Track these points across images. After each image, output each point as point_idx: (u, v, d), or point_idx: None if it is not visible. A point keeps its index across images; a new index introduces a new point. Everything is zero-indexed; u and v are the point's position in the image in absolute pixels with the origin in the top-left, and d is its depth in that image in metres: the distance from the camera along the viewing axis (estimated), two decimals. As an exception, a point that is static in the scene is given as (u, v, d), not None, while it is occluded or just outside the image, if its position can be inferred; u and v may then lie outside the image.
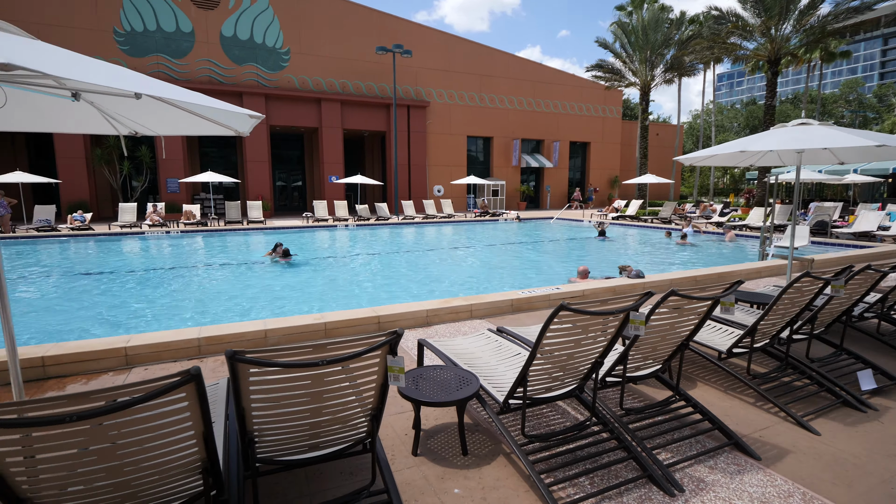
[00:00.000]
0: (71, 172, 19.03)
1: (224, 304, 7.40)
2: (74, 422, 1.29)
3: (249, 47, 21.69)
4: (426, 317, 5.00)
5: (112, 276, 9.24)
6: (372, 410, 2.05)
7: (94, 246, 13.58)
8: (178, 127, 2.92)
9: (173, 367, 3.98)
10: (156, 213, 16.57)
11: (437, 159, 26.43)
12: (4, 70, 1.27)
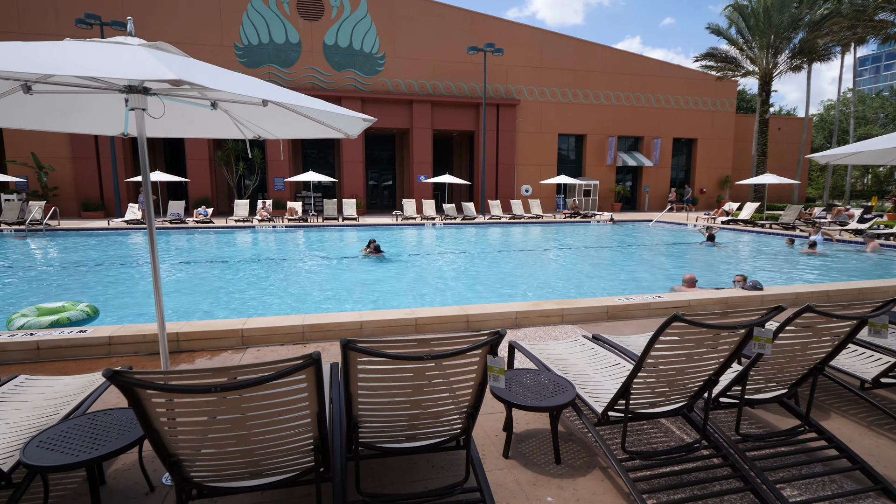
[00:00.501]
0: (197, 172, 21.79)
1: (322, 294, 7.99)
2: (217, 392, 1.48)
3: (348, 54, 23.14)
4: (515, 318, 4.96)
5: (229, 265, 10.42)
6: (468, 408, 2.08)
7: (214, 237, 15.41)
8: (294, 130, 3.21)
9: (281, 350, 4.38)
10: (264, 209, 18.37)
11: (526, 158, 26.08)
12: (175, 85, 1.49)
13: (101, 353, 4.23)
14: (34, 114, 2.59)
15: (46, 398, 2.67)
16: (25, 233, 15.52)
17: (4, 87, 2.22)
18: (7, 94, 2.26)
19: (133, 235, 15.71)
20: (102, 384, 2.78)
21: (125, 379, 1.43)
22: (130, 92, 2.13)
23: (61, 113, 2.64)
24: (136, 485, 2.42)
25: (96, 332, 4.29)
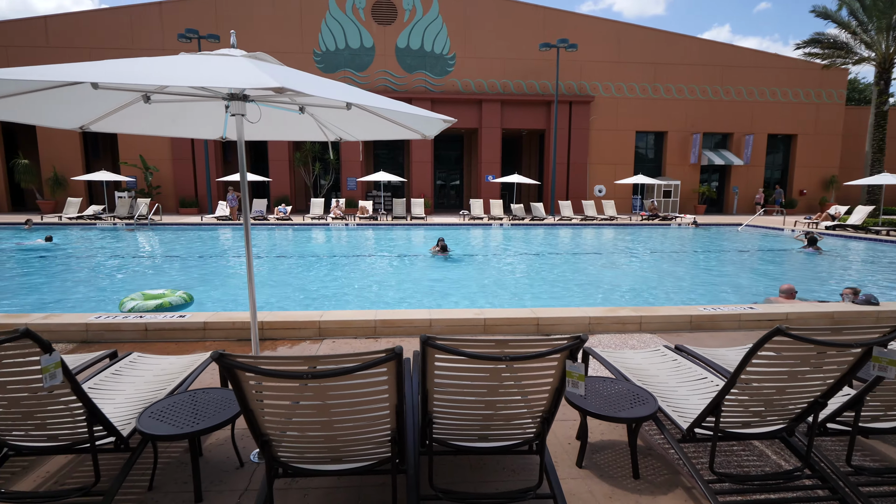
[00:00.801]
0: (278, 172, 23.37)
1: (391, 290, 8.24)
2: (308, 379, 1.58)
3: (420, 56, 23.65)
4: (588, 324, 4.81)
5: (305, 260, 11.07)
6: (543, 413, 2.06)
7: (292, 233, 16.45)
8: (374, 132, 3.34)
9: (354, 343, 4.58)
10: (338, 207, 19.31)
11: (599, 157, 25.15)
12: (277, 93, 1.61)
13: (196, 336, 4.68)
14: (151, 121, 2.93)
15: (155, 374, 3.00)
16: (134, 226, 17.53)
17: (129, 97, 2.54)
18: (131, 104, 2.58)
19: (222, 230, 17.18)
20: (201, 365, 3.07)
21: (229, 361, 1.57)
22: (232, 99, 2.34)
23: (172, 119, 2.96)
24: (227, 459, 2.65)
25: (193, 317, 4.75)
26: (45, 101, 2.28)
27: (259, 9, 22.84)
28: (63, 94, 2.33)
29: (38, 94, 2.27)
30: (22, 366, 1.86)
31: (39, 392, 1.94)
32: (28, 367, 1.86)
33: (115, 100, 2.54)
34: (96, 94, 2.39)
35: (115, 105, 2.58)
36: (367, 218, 19.14)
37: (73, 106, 2.43)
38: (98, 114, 2.63)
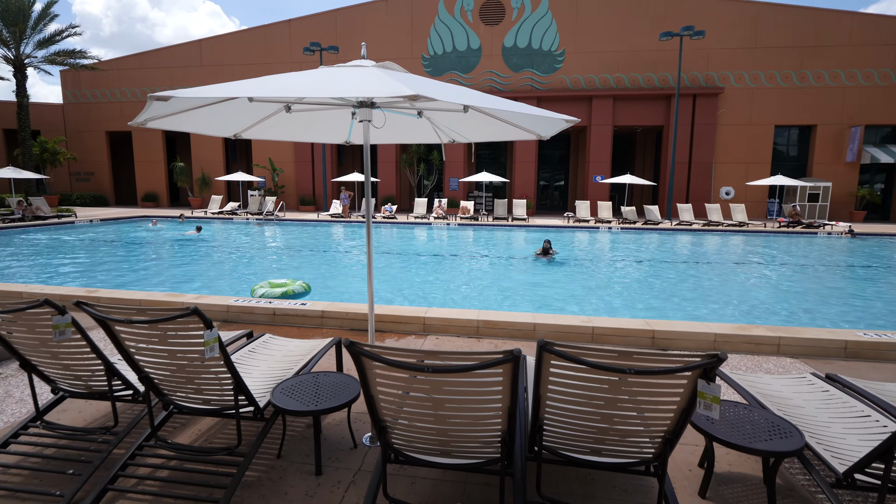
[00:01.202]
0: (385, 173, 24.76)
1: (491, 291, 8.28)
2: (428, 372, 1.66)
3: (526, 54, 23.41)
4: (714, 342, 4.37)
5: (407, 257, 11.59)
6: (666, 434, 1.92)
7: (397, 231, 17.31)
8: (488, 134, 3.39)
9: (457, 341, 4.69)
10: (440, 207, 19.89)
11: (727, 155, 22.69)
12: (412, 100, 1.72)
13: (315, 323, 5.15)
14: (288, 128, 3.30)
15: (284, 355, 3.37)
16: (262, 221, 19.82)
17: (273, 108, 2.88)
18: (274, 114, 2.93)
19: (335, 227, 18.68)
20: (321, 350, 3.38)
21: (358, 349, 1.71)
22: (361, 107, 2.54)
23: (306, 126, 3.30)
24: (342, 439, 2.89)
25: (313, 306, 5.24)
26: (209, 114, 2.69)
27: (373, 19, 24.41)
28: (222, 107, 2.72)
29: (204, 109, 2.68)
30: (187, 338, 2.21)
31: (198, 361, 2.29)
32: (192, 340, 2.20)
33: (263, 111, 2.91)
34: (248, 106, 2.76)
35: (262, 115, 2.96)
36: (468, 218, 19.45)
37: (229, 117, 2.84)
38: (248, 123, 3.03)
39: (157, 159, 27.85)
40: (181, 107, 2.55)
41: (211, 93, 1.91)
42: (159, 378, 2.41)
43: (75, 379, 2.66)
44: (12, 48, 23.42)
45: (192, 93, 1.92)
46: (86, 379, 2.64)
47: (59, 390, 2.81)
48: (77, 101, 28.17)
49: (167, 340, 2.20)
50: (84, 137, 28.39)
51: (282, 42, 25.42)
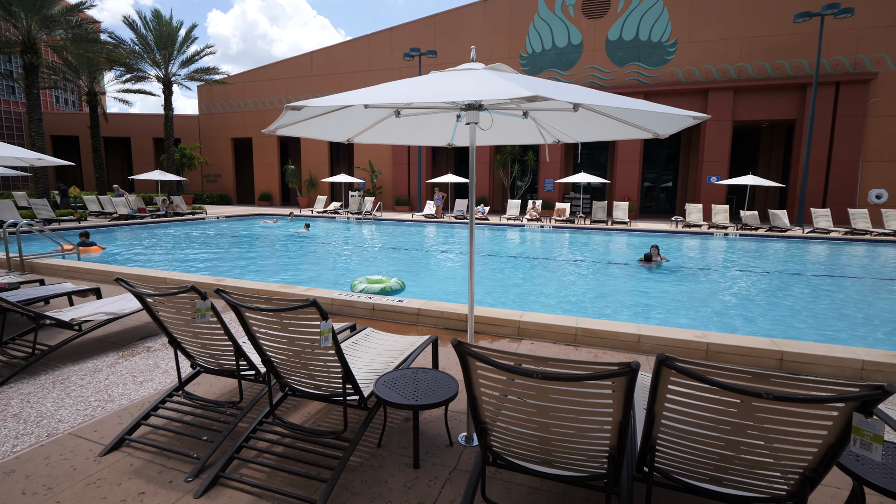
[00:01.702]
0: (478, 173, 24.94)
1: (588, 297, 7.96)
2: (535, 378, 1.64)
3: (633, 47, 22.14)
4: (861, 370, 3.77)
5: (500, 259, 11.55)
6: (805, 470, 1.70)
7: (488, 233, 17.35)
8: (597, 133, 3.26)
9: (553, 348, 4.58)
10: (534, 209, 19.57)
11: (879, 152, 19.47)
12: (530, 101, 1.71)
13: (411, 320, 5.34)
14: (395, 132, 3.46)
15: (385, 349, 3.54)
16: (362, 220, 21.05)
17: (384, 114, 3.05)
18: (384, 120, 3.10)
19: (428, 227, 19.24)
20: (419, 347, 3.49)
21: (465, 349, 1.74)
22: (468, 109, 2.59)
23: (412, 130, 3.44)
24: (438, 436, 2.96)
25: (409, 303, 5.44)
26: (328, 122, 2.92)
27: (471, 21, 24.72)
28: (339, 115, 2.94)
29: (324, 117, 2.91)
30: (305, 327, 2.42)
31: (311, 349, 2.49)
32: (309, 329, 2.40)
33: (374, 116, 3.09)
34: (362, 113, 2.95)
35: (373, 121, 3.14)
36: (564, 220, 18.88)
37: (344, 124, 3.06)
38: (360, 129, 3.24)
39: (272, 163, 30.85)
40: (307, 115, 2.78)
41: (337, 101, 2.07)
42: (278, 361, 2.66)
43: (210, 357, 3.04)
44: (162, 68, 27.45)
45: (320, 101, 2.10)
46: (218, 357, 3.00)
47: (197, 366, 3.23)
48: (209, 112, 32.22)
49: (287, 328, 2.42)
50: (214, 144, 32.38)
51: (384, 49, 26.78)
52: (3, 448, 2.81)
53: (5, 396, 3.48)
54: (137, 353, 4.40)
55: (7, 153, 5.27)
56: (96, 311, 4.48)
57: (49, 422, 3.12)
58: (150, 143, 33.98)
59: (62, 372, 3.95)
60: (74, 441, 2.89)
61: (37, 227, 10.23)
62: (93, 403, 3.39)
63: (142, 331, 5.10)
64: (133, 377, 3.86)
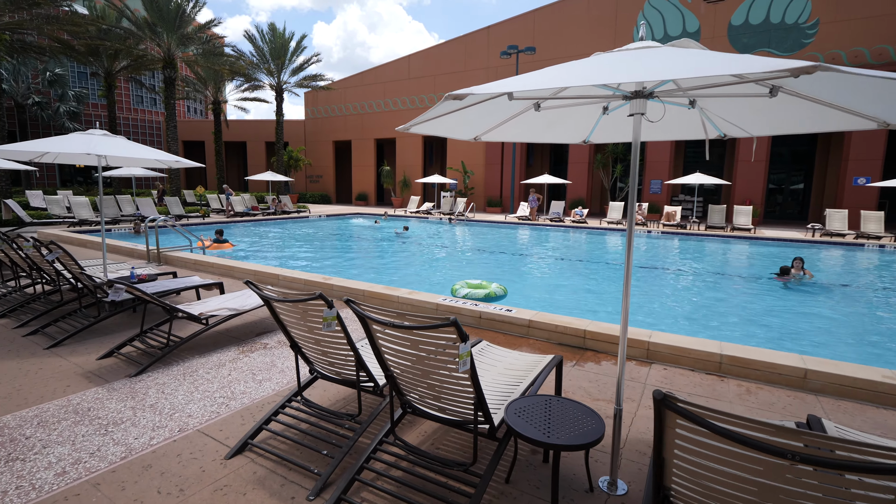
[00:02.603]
0: (576, 174, 23.85)
1: (716, 317, 7.03)
2: (794, 461, 1.20)
3: (762, 31, 19.73)
4: None
5: (602, 266, 10.76)
6: None
7: (585, 237, 16.42)
8: (788, 124, 2.66)
9: (691, 376, 3.96)
10: (639, 212, 18.19)
11: None
12: (808, 73, 1.29)
13: (520, 332, 4.99)
14: (528, 128, 3.13)
15: (506, 367, 3.23)
16: (454, 221, 21.08)
17: (521, 107, 2.73)
18: (520, 115, 2.78)
19: (521, 229, 18.72)
20: (544, 368, 3.13)
21: (681, 408, 1.32)
22: (635, 97, 2.18)
23: (547, 125, 3.09)
24: (575, 477, 2.58)
25: (519, 313, 5.09)
26: (460, 119, 2.68)
27: (572, 15, 23.68)
28: (472, 111, 2.67)
29: (456, 114, 2.66)
30: (440, 347, 2.17)
31: (445, 371, 2.24)
32: (442, 349, 2.15)
33: (509, 111, 2.79)
34: (496, 109, 2.66)
35: (506, 117, 2.84)
36: (674, 225, 17.31)
37: (475, 120, 2.80)
38: (491, 125, 2.95)
39: (368, 164, 32.19)
40: (466, 103, 2.51)
41: (499, 88, 1.80)
42: (403, 379, 2.46)
43: (329, 365, 2.94)
44: (275, 77, 29.84)
45: (483, 89, 1.83)
46: (338, 367, 2.88)
47: (315, 371, 3.16)
48: (314, 116, 34.46)
49: (418, 345, 2.20)
50: (317, 147, 34.58)
51: (480, 49, 26.67)
52: (141, 440, 2.93)
53: (144, 386, 3.71)
54: (256, 350, 4.53)
55: (151, 155, 5.78)
56: (221, 307, 4.70)
57: (180, 415, 3.24)
58: (263, 147, 37.18)
59: (191, 364, 4.16)
60: (202, 439, 2.94)
61: (170, 223, 11.44)
62: (218, 400, 3.48)
63: (258, 326, 5.31)
64: (253, 375, 3.95)
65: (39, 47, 23.23)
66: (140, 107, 42.09)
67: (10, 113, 33.05)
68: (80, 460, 2.71)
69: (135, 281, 5.96)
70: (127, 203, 18.73)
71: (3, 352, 4.45)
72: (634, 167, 2.32)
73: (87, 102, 36.91)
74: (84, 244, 11.48)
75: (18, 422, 3.15)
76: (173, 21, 23.57)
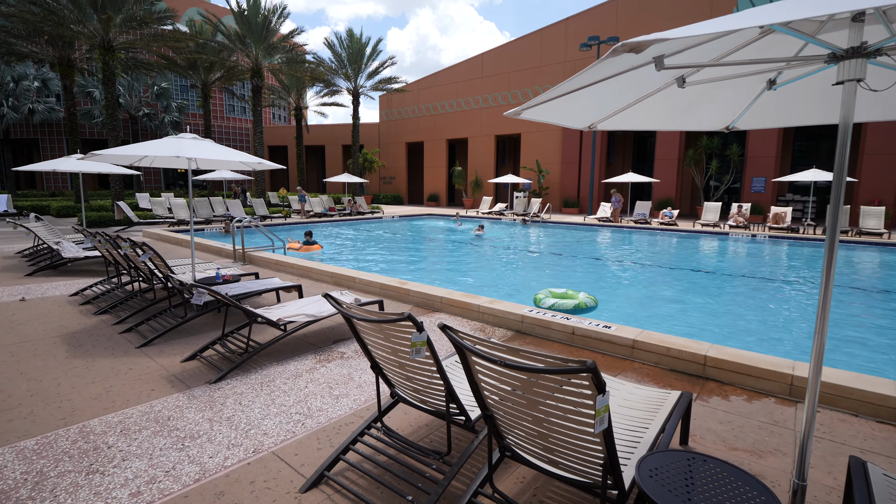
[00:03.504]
0: (664, 172, 22.10)
1: (873, 348, 5.86)
2: None
3: None
4: None
5: (710, 277, 9.61)
6: None
7: (676, 241, 15.01)
8: None
9: (861, 426, 3.14)
10: (740, 213, 16.39)
11: None
12: None
13: (622, 353, 4.35)
14: (656, 113, 2.56)
15: (620, 404, 2.68)
16: (528, 222, 20.35)
17: (657, 84, 2.17)
18: (656, 93, 2.22)
19: (603, 232, 17.59)
20: (673, 410, 2.55)
21: None
22: (851, 56, 1.56)
23: (685, 108, 2.51)
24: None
25: (620, 331, 4.45)
26: (577, 100, 2.19)
27: (659, 1, 21.99)
28: (590, 93, 2.17)
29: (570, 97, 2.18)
30: (562, 393, 1.71)
31: (567, 422, 1.77)
32: (570, 399, 1.68)
33: (644, 88, 2.24)
34: (630, 85, 2.13)
35: (640, 95, 2.30)
36: (783, 229, 15.37)
37: (592, 105, 2.29)
38: (615, 109, 2.42)
39: (440, 165, 32.20)
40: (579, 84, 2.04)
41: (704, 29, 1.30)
42: (505, 423, 2.01)
43: (414, 391, 2.57)
44: (352, 81, 30.74)
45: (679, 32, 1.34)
46: (424, 394, 2.50)
47: (396, 395, 2.81)
48: (388, 119, 35.12)
49: (532, 389, 1.74)
50: (390, 148, 35.21)
51: (557, 42, 25.63)
52: (216, 459, 2.74)
53: (222, 394, 3.58)
54: (332, 360, 4.32)
55: (235, 157, 5.83)
56: (298, 313, 4.55)
57: (255, 433, 3.03)
58: (339, 150, 38.56)
59: (268, 373, 4.00)
60: (277, 465, 2.69)
61: (254, 224, 11.89)
62: (294, 417, 3.25)
63: (335, 332, 5.12)
64: (329, 389, 3.70)
65: (149, 64, 25.68)
66: (231, 115, 45.47)
67: (126, 124, 36.96)
68: (154, 479, 2.55)
69: (219, 282, 6.05)
70: (218, 204, 20.03)
71: (100, 349, 4.59)
72: (843, 157, 1.69)
73: (187, 112, 40.46)
74: (180, 243, 12.27)
75: (104, 427, 3.10)
76: (261, 32, 24.99)
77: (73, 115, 21.01)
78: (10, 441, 2.94)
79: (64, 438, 2.97)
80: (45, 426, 3.12)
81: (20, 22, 18.67)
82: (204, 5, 40.86)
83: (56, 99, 36.73)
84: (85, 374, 3.98)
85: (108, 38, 18.64)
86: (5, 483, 2.52)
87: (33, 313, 5.83)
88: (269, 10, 25.05)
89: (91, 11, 18.29)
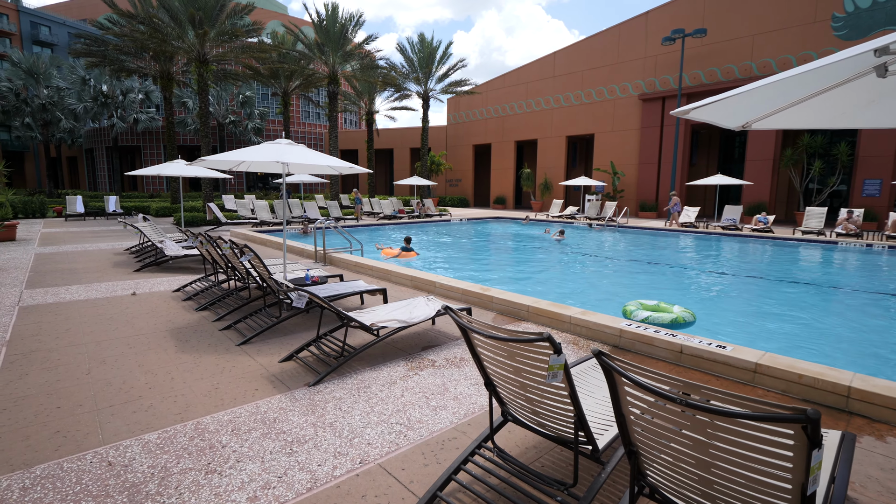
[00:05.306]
0: (756, 174, 20.36)
1: None
2: None
3: None
4: None
5: (817, 291, 8.64)
6: None
7: (770, 249, 13.69)
8: None
9: None
10: (850, 220, 14.68)
11: None
12: None
13: (742, 377, 3.92)
14: (833, 107, 2.20)
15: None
16: (603, 227, 19.52)
17: (856, 66, 1.85)
18: (852, 80, 1.90)
19: (685, 238, 16.47)
20: (840, 456, 2.18)
21: None
22: None
23: (868, 103, 2.13)
24: None
25: (738, 352, 4.02)
26: (749, 97, 1.90)
27: (757, -15, 20.29)
28: (761, 91, 1.89)
29: (740, 97, 1.91)
30: (739, 437, 1.47)
31: (743, 470, 1.52)
32: (747, 444, 1.44)
33: (829, 79, 1.93)
34: (815, 76, 1.83)
35: (825, 85, 1.98)
36: (903, 238, 13.57)
37: (775, 94, 1.99)
38: (776, 106, 2.12)
39: (508, 167, 31.84)
40: None
41: None
42: (659, 462, 1.78)
43: (533, 414, 2.40)
44: (422, 85, 31.18)
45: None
46: (546, 418, 2.32)
47: (508, 415, 2.65)
48: (455, 121, 35.27)
49: (706, 431, 1.50)
50: (457, 151, 35.34)
51: (637, 38, 24.46)
52: (324, 467, 2.72)
53: (322, 399, 3.60)
54: (424, 368, 4.25)
55: (325, 162, 5.96)
56: (390, 318, 4.53)
57: (359, 442, 3.00)
58: (408, 153, 39.29)
59: (363, 378, 4.00)
60: (386, 479, 2.62)
61: (333, 225, 12.27)
62: (395, 427, 3.19)
63: (423, 338, 5.07)
64: (426, 399, 3.62)
65: (236, 74, 27.56)
66: (307, 121, 47.84)
67: (214, 131, 39.98)
68: (269, 484, 2.57)
69: (309, 283, 6.22)
70: (296, 206, 21.03)
71: (205, 345, 4.84)
72: None
73: (268, 119, 43.08)
74: (264, 242, 12.94)
75: (216, 425, 3.20)
76: (338, 41, 26.00)
77: (170, 123, 22.97)
78: (135, 433, 3.11)
79: (182, 434, 3.09)
80: (164, 420, 3.28)
81: (130, 41, 20.69)
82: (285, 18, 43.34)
83: (156, 109, 40.52)
84: (194, 369, 4.19)
85: (203, 52, 20.18)
86: (135, 476, 2.64)
87: (143, 307, 6.30)
88: (346, 18, 26.00)
89: (189, 27, 19.90)
